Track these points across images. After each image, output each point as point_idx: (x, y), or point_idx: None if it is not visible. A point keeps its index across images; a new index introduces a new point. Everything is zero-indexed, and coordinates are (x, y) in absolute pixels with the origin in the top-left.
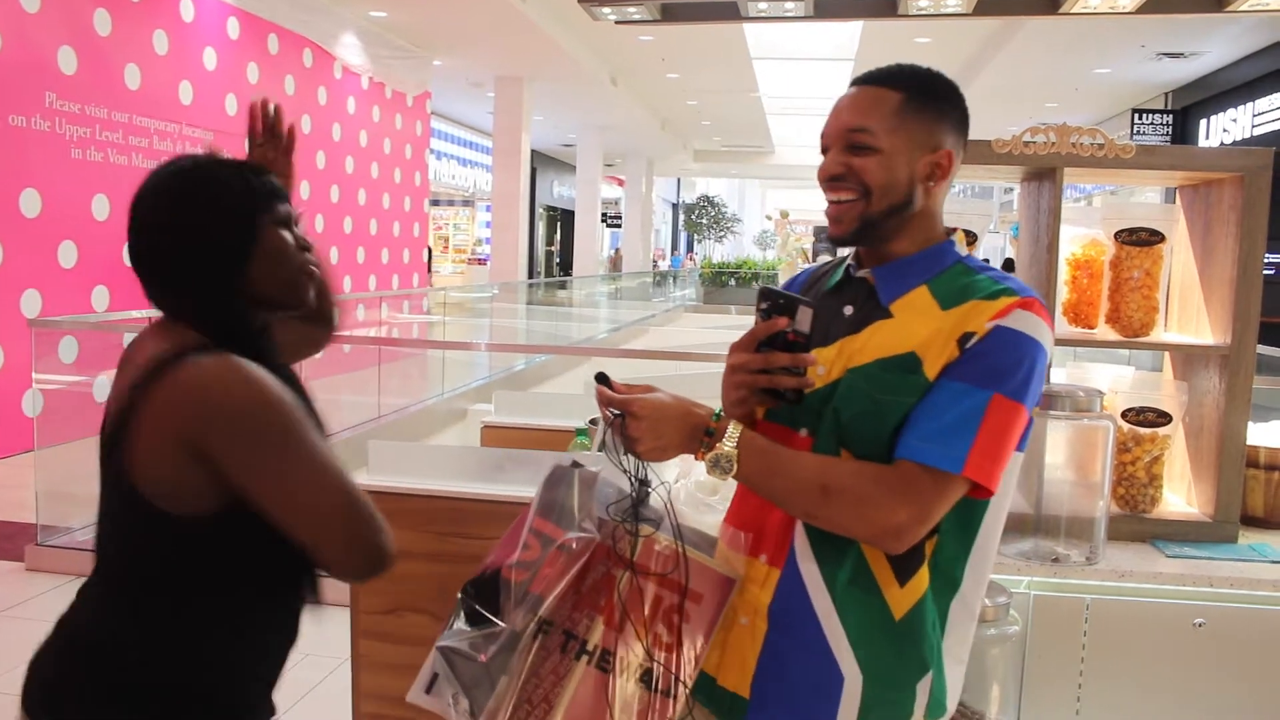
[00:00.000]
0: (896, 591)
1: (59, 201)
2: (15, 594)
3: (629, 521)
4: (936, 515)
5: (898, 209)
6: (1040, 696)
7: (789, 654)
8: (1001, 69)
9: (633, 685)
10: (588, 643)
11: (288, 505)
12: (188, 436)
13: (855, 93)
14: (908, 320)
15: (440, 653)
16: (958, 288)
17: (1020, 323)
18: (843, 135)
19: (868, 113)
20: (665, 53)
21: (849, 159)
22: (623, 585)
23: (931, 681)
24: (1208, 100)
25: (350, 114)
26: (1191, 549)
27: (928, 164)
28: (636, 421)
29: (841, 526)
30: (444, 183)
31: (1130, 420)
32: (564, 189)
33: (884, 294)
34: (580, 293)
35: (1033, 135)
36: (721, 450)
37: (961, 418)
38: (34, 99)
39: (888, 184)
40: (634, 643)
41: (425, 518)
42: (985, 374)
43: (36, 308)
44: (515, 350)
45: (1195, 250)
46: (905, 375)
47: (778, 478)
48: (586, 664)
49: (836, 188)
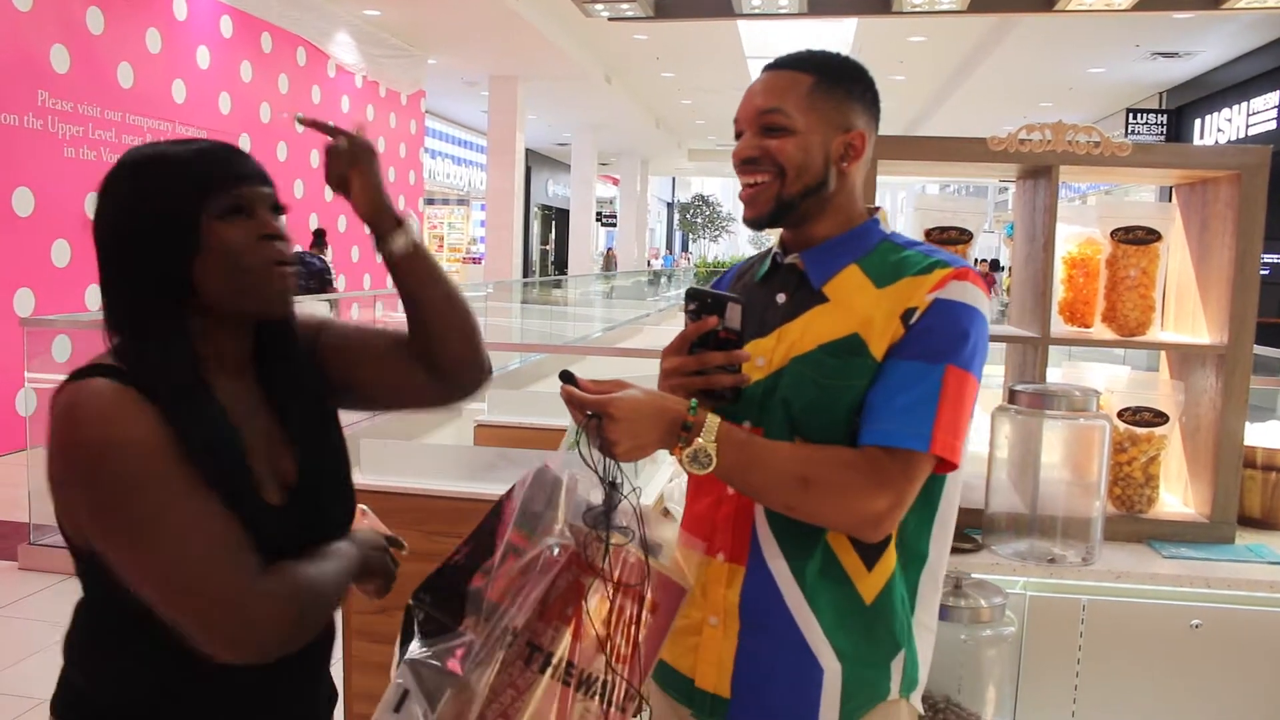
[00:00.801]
0: (865, 576)
1: (52, 200)
2: (8, 593)
3: (601, 529)
4: (911, 498)
5: (813, 190)
6: (1036, 698)
7: (766, 651)
8: (996, 68)
9: (588, 699)
10: (553, 655)
11: (134, 574)
12: (52, 473)
13: (767, 77)
14: (844, 301)
15: (409, 667)
16: (890, 265)
17: (958, 293)
18: (756, 117)
19: (781, 95)
20: (660, 51)
21: (764, 141)
22: (590, 594)
23: (904, 659)
24: (1202, 100)
25: (344, 113)
26: (1188, 550)
27: (841, 144)
28: (614, 424)
29: (820, 517)
30: (439, 181)
31: (1126, 420)
32: (559, 188)
33: (815, 277)
34: (575, 292)
35: (1028, 133)
36: (699, 445)
37: (921, 396)
38: (27, 97)
39: (802, 164)
40: (595, 655)
41: (417, 517)
42: (934, 349)
43: (30, 307)
44: (509, 349)
45: (1192, 249)
46: (851, 358)
47: (756, 471)
48: (550, 677)
49: (751, 170)
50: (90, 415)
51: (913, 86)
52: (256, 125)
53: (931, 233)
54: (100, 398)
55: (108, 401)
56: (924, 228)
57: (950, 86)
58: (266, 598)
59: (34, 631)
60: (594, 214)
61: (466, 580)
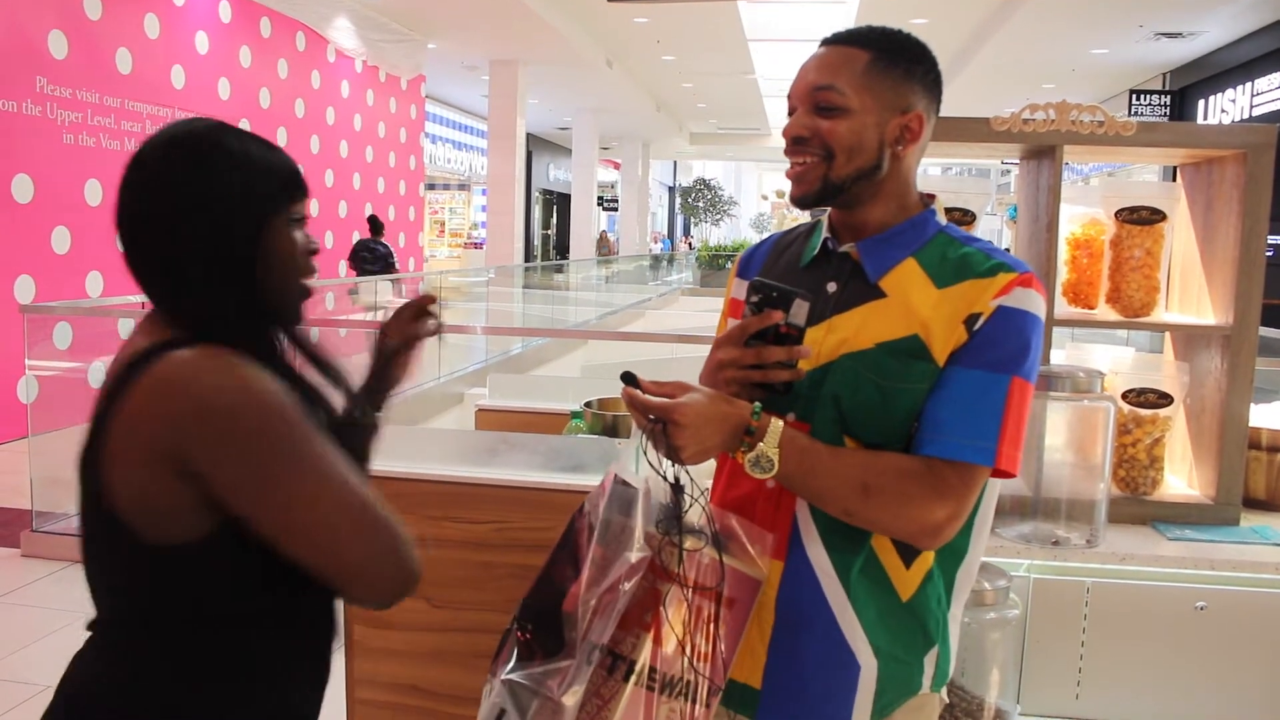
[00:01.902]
0: (903, 574)
1: (51, 187)
2: (11, 580)
3: (674, 534)
4: (969, 508)
5: (866, 173)
6: (1040, 680)
7: (801, 645)
8: (998, 49)
9: (673, 699)
10: (635, 663)
11: (289, 524)
12: (168, 445)
13: (823, 53)
14: (902, 299)
15: (506, 687)
16: (950, 263)
17: (1023, 301)
18: (810, 95)
19: (835, 72)
20: (660, 35)
21: (816, 121)
22: (669, 600)
23: (938, 654)
24: (1206, 80)
25: (344, 98)
26: (1193, 531)
27: (897, 126)
28: (679, 430)
29: (879, 525)
30: (439, 166)
31: (1130, 402)
32: (560, 172)
33: (871, 270)
34: (577, 276)
35: (1032, 112)
36: (761, 450)
37: (987, 410)
38: (25, 84)
39: (854, 147)
40: (676, 657)
41: (417, 501)
42: (999, 359)
43: (30, 293)
44: (511, 334)
45: (1196, 229)
46: (911, 361)
47: (818, 477)
48: (634, 684)
49: (799, 150)
50: (234, 375)
51: None
52: (256, 111)
53: None
54: (236, 361)
55: (244, 365)
56: None
57: (953, 69)
58: (404, 536)
59: (36, 618)
60: (595, 198)
61: (560, 603)
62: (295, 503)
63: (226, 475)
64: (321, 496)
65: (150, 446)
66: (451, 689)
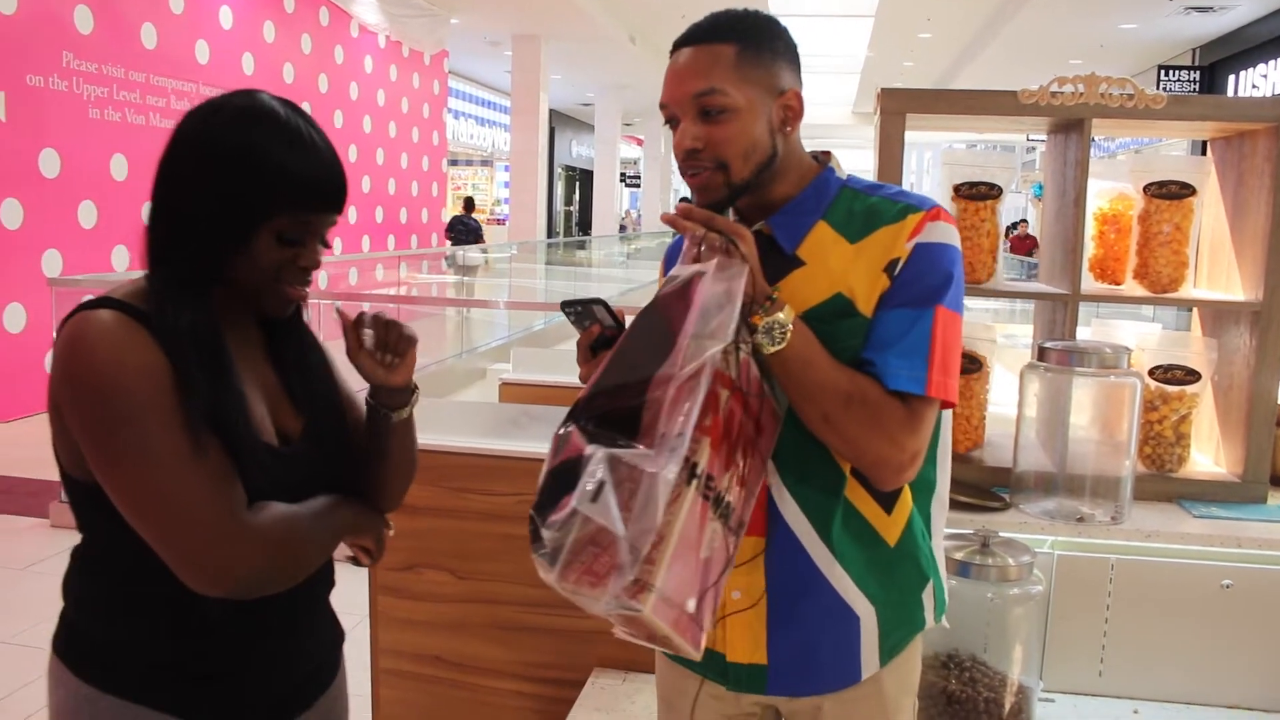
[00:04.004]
0: (886, 520)
1: (78, 161)
2: (40, 550)
3: (739, 336)
4: (924, 441)
5: (765, 165)
6: (1064, 657)
7: (799, 613)
8: (1026, 25)
9: (716, 519)
10: (697, 465)
11: (121, 503)
12: (54, 397)
13: (688, 54)
14: (821, 262)
15: (607, 461)
16: (859, 216)
17: (938, 234)
18: (692, 102)
19: (708, 73)
20: (684, 9)
21: (706, 130)
22: (725, 405)
23: (933, 586)
24: (1237, 56)
25: (367, 73)
26: (1220, 509)
27: (780, 109)
28: (745, 241)
29: (848, 440)
30: (462, 142)
31: (1157, 378)
32: (582, 149)
33: (785, 242)
34: (599, 253)
35: (1060, 85)
36: (779, 319)
37: (915, 341)
38: (51, 59)
39: (749, 148)
40: (725, 471)
41: (441, 474)
42: (922, 294)
43: (57, 267)
44: (534, 309)
45: (1226, 204)
46: (840, 320)
47: (814, 370)
48: (696, 490)
49: (694, 161)
50: (94, 341)
51: (940, 45)
52: (280, 85)
53: (961, 188)
54: (105, 325)
55: (112, 329)
56: (953, 183)
57: (978, 45)
58: (249, 532)
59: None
60: (618, 174)
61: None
62: (125, 487)
63: (81, 440)
64: (148, 486)
65: (51, 388)
66: (475, 660)
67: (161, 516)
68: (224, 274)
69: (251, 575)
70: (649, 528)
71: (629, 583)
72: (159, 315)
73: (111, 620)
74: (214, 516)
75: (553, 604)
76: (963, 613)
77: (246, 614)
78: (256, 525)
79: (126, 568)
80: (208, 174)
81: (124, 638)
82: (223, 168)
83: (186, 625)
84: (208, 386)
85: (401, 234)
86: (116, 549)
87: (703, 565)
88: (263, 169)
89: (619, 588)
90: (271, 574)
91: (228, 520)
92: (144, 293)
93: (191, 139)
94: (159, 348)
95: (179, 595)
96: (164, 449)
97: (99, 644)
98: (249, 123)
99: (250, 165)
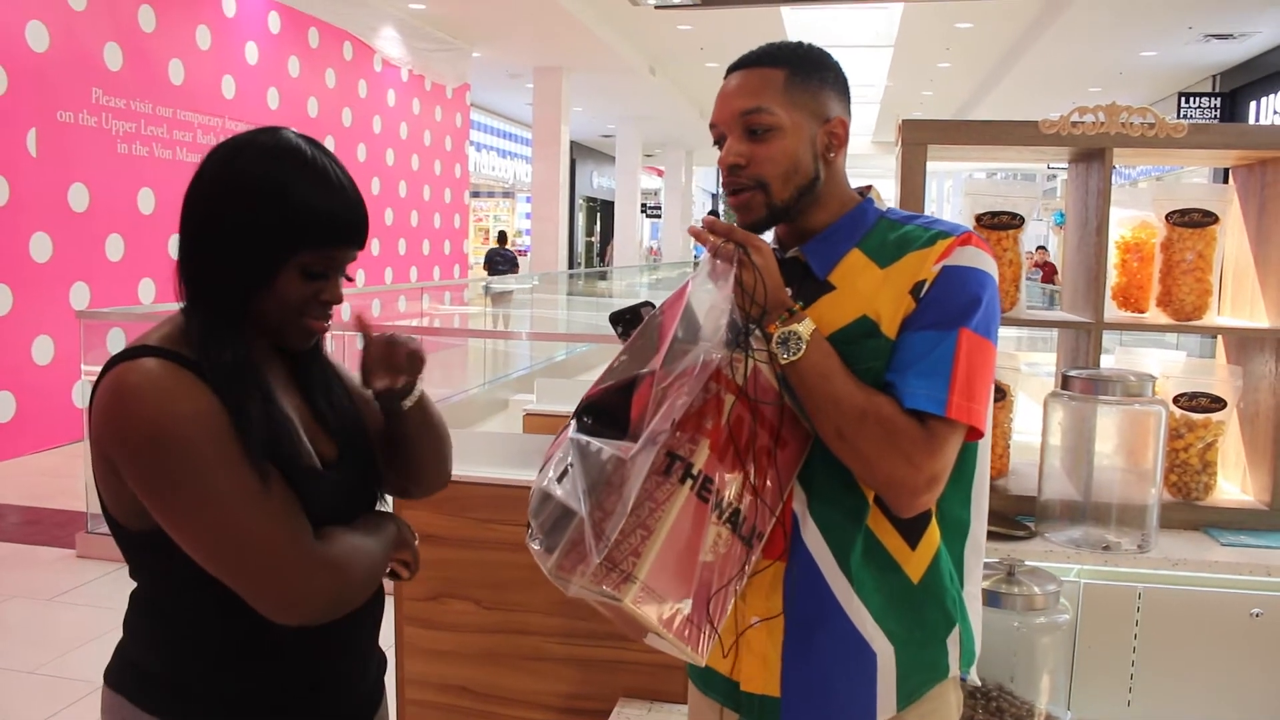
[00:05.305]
0: (910, 555)
1: (106, 195)
2: (66, 581)
3: (742, 349)
4: (941, 467)
5: (806, 189)
6: (1091, 687)
7: (814, 644)
8: (1044, 53)
9: (722, 524)
10: (693, 466)
11: (191, 544)
12: (104, 449)
13: (739, 77)
14: (850, 286)
15: (575, 445)
16: (891, 242)
17: (967, 258)
18: (739, 120)
19: (758, 93)
20: (704, 42)
21: (750, 148)
22: (730, 412)
23: (960, 634)
24: (1258, 82)
25: (390, 106)
26: (1248, 537)
27: (825, 134)
28: (758, 252)
29: (861, 457)
30: (484, 174)
31: (1182, 406)
32: (603, 179)
33: (818, 268)
34: (620, 283)
35: (1081, 115)
36: (796, 330)
37: (937, 362)
38: (81, 95)
39: (790, 168)
40: (731, 475)
41: (466, 504)
42: (946, 317)
43: (85, 300)
44: (556, 339)
45: (1250, 232)
46: (864, 341)
47: (830, 382)
48: (690, 489)
49: (736, 177)
50: (143, 393)
51: (959, 75)
52: (304, 120)
53: (983, 217)
54: (152, 375)
55: (158, 378)
56: (974, 213)
57: (997, 74)
58: (320, 562)
59: (91, 618)
60: (639, 205)
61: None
62: (198, 535)
63: (144, 496)
64: (223, 531)
65: (98, 443)
66: (501, 690)
67: (239, 557)
68: (250, 309)
69: (328, 600)
70: (613, 511)
71: (597, 566)
72: (204, 356)
73: (178, 659)
74: (288, 548)
75: (578, 634)
76: (989, 642)
77: (316, 636)
78: (326, 551)
79: (189, 607)
80: (234, 211)
81: (194, 675)
82: (250, 204)
83: (258, 653)
84: (261, 421)
85: (424, 266)
86: (179, 591)
87: (703, 568)
88: (289, 205)
89: (588, 570)
90: (345, 595)
91: (301, 551)
92: (178, 335)
93: (218, 176)
94: (207, 389)
95: (248, 626)
96: (231, 492)
97: (171, 684)
98: (274, 159)
99: (277, 202)
